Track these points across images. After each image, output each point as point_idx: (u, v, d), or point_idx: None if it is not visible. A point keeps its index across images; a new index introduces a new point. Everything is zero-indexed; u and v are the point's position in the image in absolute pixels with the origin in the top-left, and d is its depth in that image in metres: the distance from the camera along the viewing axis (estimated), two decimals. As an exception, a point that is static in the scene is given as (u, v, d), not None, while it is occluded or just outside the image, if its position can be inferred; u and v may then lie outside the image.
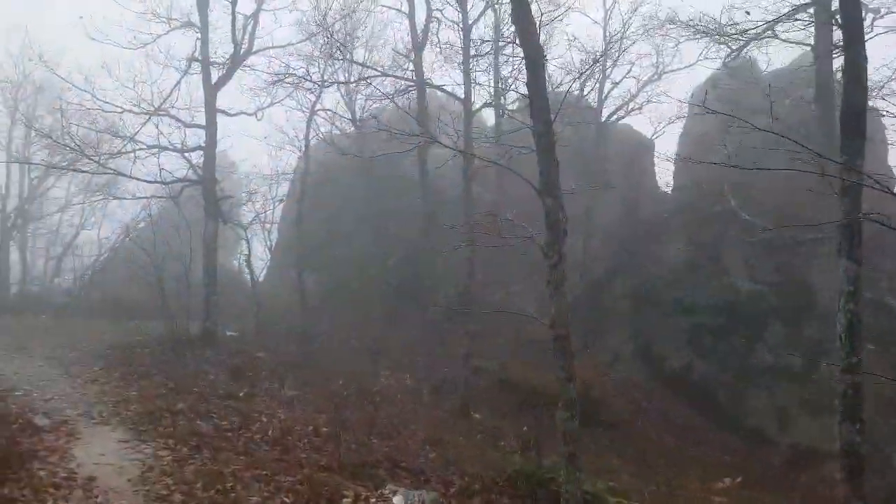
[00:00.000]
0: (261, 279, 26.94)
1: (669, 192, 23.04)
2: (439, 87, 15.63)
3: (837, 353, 8.33)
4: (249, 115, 18.84)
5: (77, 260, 29.12)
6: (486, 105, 17.03)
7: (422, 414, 14.18)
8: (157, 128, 17.18)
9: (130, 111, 16.91)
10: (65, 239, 30.84)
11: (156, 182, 16.50)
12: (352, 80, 20.04)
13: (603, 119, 19.80)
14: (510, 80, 16.61)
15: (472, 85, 15.07)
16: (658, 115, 22.15)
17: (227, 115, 17.78)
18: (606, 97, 19.65)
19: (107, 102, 16.47)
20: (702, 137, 20.82)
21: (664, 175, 24.05)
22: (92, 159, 15.57)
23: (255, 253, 24.00)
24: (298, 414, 11.73)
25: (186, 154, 17.73)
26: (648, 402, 17.75)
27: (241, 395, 12.27)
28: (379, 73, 17.51)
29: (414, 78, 15.88)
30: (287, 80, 17.94)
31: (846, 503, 8.02)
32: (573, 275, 21.34)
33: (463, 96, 14.75)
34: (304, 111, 21.82)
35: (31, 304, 23.91)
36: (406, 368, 17.48)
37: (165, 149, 17.30)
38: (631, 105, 20.32)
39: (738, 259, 18.56)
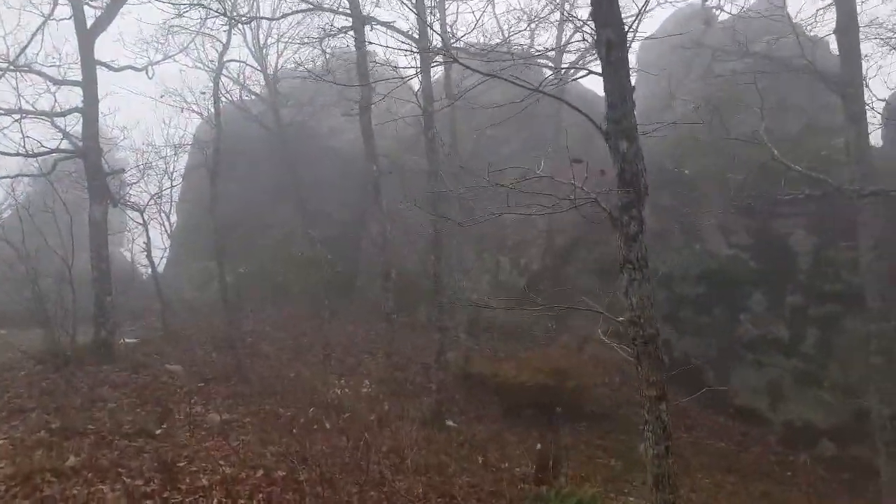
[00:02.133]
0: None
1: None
2: (387, 25, 12.72)
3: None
4: (138, 69, 15.12)
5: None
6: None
7: (390, 428, 11.59)
8: (17, 88, 13.24)
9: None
10: None
11: (19, 155, 12.57)
12: (275, 14, 16.54)
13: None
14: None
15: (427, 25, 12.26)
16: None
17: (111, 68, 14.02)
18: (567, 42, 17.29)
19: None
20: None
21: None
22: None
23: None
24: (240, 451, 8.82)
25: (58, 120, 13.86)
26: (627, 386, 16.00)
27: (157, 431, 9.16)
28: (310, 6, 14.20)
29: (350, 10, 12.84)
30: (189, 15, 14.30)
31: None
32: (536, 247, 19.43)
33: (418, 36, 11.99)
34: (207, 68, 18.17)
35: None
36: (358, 371, 14.73)
37: (29, 113, 13.37)
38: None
39: (710, 222, 17.06)
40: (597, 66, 5.51)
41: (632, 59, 18.18)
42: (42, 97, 13.56)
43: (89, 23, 13.49)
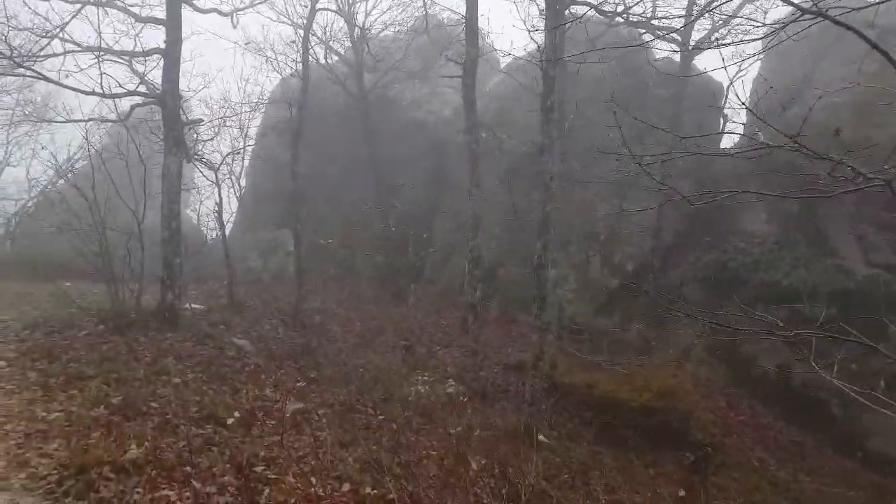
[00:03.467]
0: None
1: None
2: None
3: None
4: (224, 14, 13.89)
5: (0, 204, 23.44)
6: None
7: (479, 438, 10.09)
8: (98, 26, 12.13)
9: (59, -4, 11.78)
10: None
11: (95, 94, 11.47)
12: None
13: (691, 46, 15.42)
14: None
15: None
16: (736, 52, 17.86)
17: (197, 9, 12.80)
18: (695, 17, 15.16)
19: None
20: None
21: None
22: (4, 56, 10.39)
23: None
24: (319, 453, 7.45)
25: (139, 61, 12.73)
26: (736, 414, 14.10)
27: (228, 420, 7.87)
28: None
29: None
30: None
31: None
32: (632, 245, 17.56)
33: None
34: (291, 22, 16.86)
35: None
36: (431, 365, 13.26)
37: (109, 52, 12.27)
38: (716, 35, 15.88)
39: (846, 235, 14.89)
40: None
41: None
42: (121, 40, 12.36)
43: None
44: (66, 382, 8.18)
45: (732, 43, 10.16)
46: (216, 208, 15.03)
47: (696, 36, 15.51)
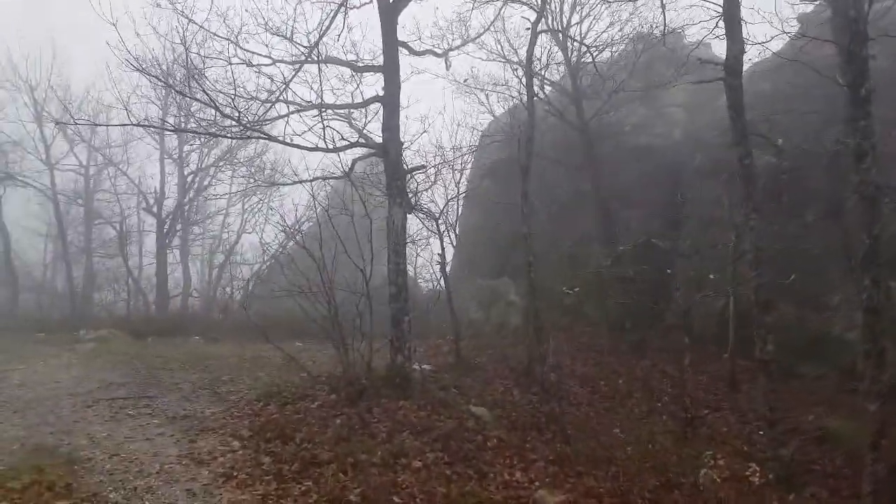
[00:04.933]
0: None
1: None
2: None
3: None
4: (438, 55, 13.13)
5: (237, 269, 25.57)
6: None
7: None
8: (319, 83, 11.94)
9: (281, 61, 11.80)
10: (227, 245, 27.73)
11: (320, 150, 11.11)
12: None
13: None
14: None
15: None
16: None
17: (412, 51, 12.12)
18: None
19: (248, 51, 11.45)
20: None
21: None
22: (229, 118, 10.44)
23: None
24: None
25: (357, 115, 12.34)
26: None
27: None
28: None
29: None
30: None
31: None
32: None
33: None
34: (502, 59, 15.80)
35: (187, 322, 20.28)
36: (715, 439, 10.66)
37: (331, 106, 12.01)
38: None
39: None
40: None
41: None
42: (339, 96, 12.12)
43: (391, -1, 11.76)
44: (300, 470, 7.23)
45: None
46: (438, 259, 14.14)
47: None
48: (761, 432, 11.55)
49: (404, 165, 11.62)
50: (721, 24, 9.26)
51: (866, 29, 7.53)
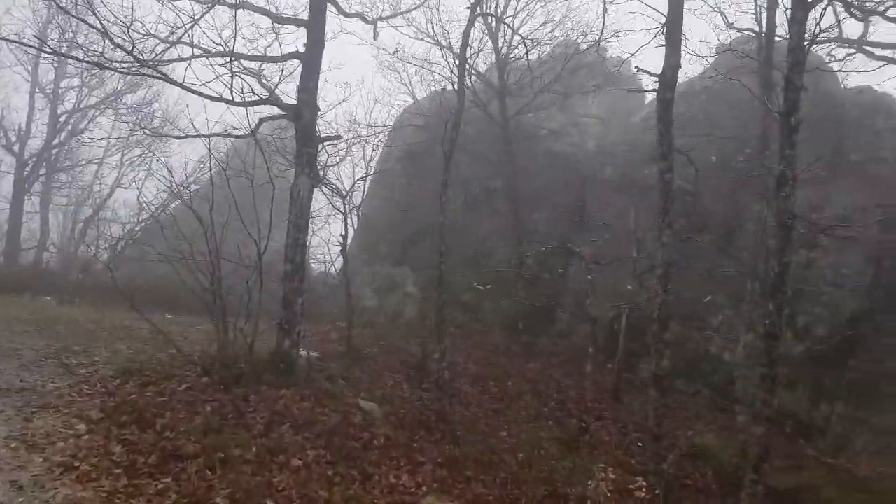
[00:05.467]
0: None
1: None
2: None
3: None
4: (368, 21, 12.25)
5: (106, 226, 22.94)
6: None
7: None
8: (234, 29, 10.70)
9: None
10: (97, 199, 24.94)
11: (224, 101, 9.85)
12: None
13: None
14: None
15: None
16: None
17: (341, 10, 11.17)
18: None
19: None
20: None
21: None
22: (122, 49, 8.94)
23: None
24: None
25: (269, 71, 11.21)
26: None
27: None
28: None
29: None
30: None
31: None
32: (821, 305, 14.17)
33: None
34: (434, 41, 15.12)
35: (39, 279, 17.93)
36: (586, 443, 10.64)
37: (242, 56, 10.80)
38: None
39: None
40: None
41: None
42: (255, 45, 10.94)
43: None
44: (158, 463, 6.22)
45: None
46: (340, 240, 13.24)
47: None
48: (640, 444, 11.77)
49: (317, 133, 10.64)
50: (663, 33, 9.10)
51: (804, 58, 7.58)
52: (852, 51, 12.90)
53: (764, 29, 12.24)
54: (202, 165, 18.20)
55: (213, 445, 6.86)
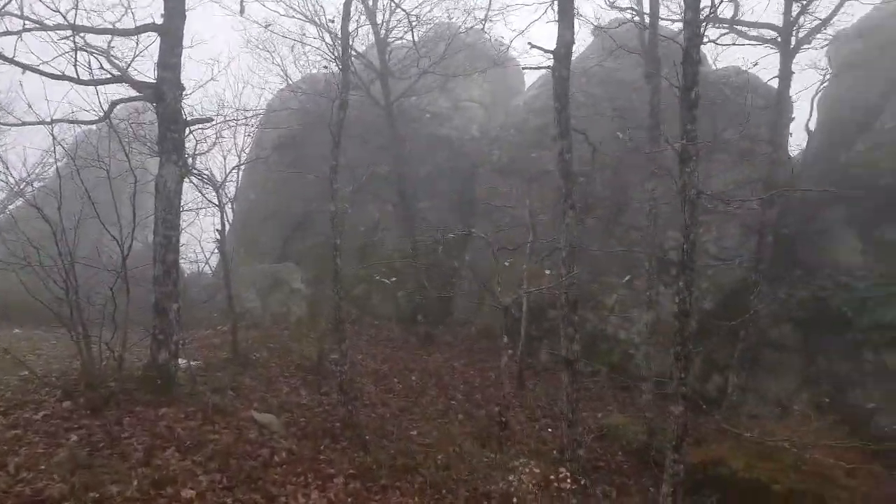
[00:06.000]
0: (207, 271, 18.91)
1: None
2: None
3: None
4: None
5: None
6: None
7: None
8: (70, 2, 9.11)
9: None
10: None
11: (69, 79, 8.34)
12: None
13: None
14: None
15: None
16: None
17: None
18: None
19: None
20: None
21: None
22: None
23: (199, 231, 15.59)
24: None
25: (120, 49, 9.72)
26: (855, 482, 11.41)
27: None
28: None
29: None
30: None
31: None
32: (706, 279, 14.86)
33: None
34: (305, 17, 14.06)
35: None
36: (518, 440, 10.34)
37: (86, 29, 9.26)
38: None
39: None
40: None
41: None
42: (98, 15, 9.45)
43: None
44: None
45: None
46: (216, 237, 11.94)
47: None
48: (550, 430, 11.69)
49: (183, 116, 9.35)
50: (554, 7, 8.84)
51: (701, 31, 7.59)
52: (725, 29, 13.50)
53: (646, 9, 12.46)
54: (46, 157, 15.89)
55: (84, 484, 5.71)
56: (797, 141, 35.90)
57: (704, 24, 7.79)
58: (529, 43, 9.49)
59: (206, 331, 14.18)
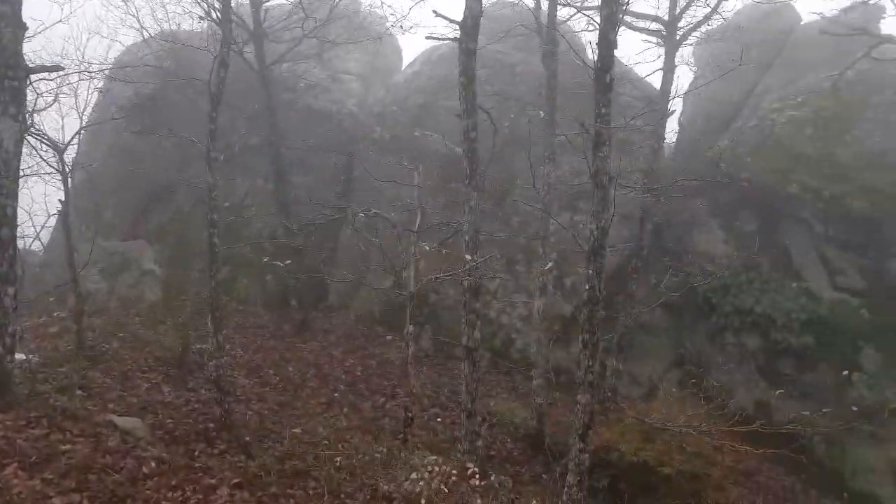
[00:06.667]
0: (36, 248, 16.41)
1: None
2: None
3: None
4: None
5: None
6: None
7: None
8: None
9: None
10: None
11: None
12: None
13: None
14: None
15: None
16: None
17: None
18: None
19: None
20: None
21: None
22: None
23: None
24: None
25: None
26: (721, 458, 12.40)
27: None
28: None
29: None
30: None
31: None
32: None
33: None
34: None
35: None
36: (385, 427, 9.86)
37: None
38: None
39: (808, 255, 14.06)
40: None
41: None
42: None
43: None
44: None
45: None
46: (58, 208, 10.12)
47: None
48: (439, 419, 11.38)
49: (25, 62, 7.65)
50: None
51: (619, 10, 7.47)
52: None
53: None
54: None
55: None
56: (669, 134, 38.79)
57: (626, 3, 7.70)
58: (434, 11, 8.90)
59: (39, 318, 12.14)
